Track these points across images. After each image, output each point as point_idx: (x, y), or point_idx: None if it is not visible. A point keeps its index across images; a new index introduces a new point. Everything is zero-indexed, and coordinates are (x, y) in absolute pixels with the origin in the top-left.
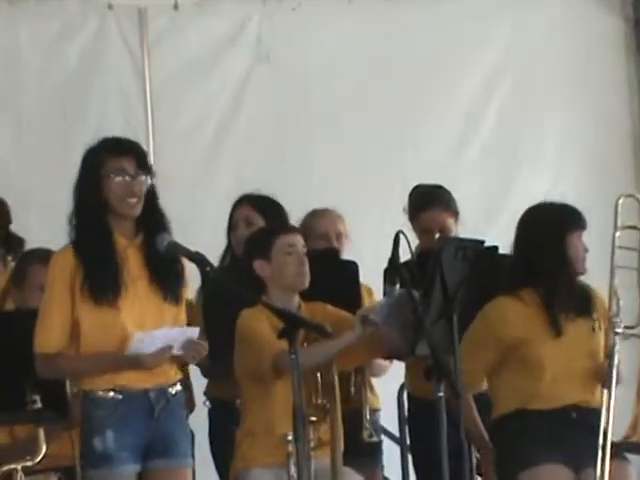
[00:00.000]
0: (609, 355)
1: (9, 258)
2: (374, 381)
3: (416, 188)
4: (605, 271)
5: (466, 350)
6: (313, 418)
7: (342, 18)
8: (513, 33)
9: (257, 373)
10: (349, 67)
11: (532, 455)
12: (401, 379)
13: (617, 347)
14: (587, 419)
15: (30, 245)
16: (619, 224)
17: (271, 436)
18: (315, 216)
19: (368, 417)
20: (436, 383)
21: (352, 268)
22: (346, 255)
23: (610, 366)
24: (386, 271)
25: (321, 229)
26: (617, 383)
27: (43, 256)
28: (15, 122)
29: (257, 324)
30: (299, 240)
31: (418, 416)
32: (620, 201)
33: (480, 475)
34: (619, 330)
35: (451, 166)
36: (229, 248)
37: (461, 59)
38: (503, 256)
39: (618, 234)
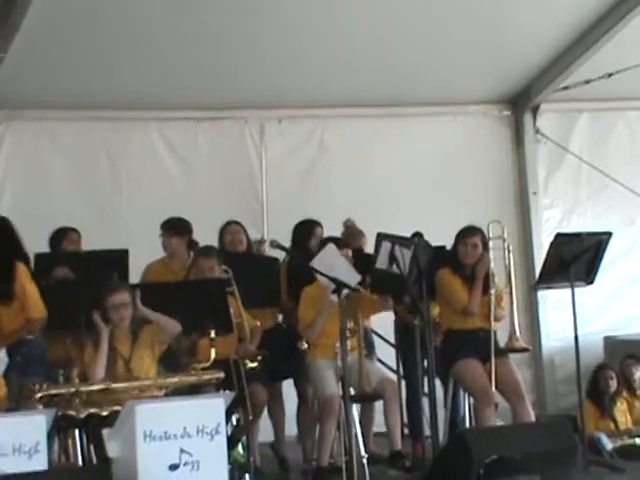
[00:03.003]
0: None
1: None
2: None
3: None
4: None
5: (449, 293)
6: (348, 334)
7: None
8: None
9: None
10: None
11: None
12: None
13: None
14: (487, 336)
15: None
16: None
17: (328, 344)
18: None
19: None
20: (414, 316)
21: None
22: None
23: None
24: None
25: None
26: (501, 319)
27: (205, 251)
28: None
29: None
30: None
31: (403, 333)
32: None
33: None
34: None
35: None
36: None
37: None
38: (443, 250)
39: (491, 244)
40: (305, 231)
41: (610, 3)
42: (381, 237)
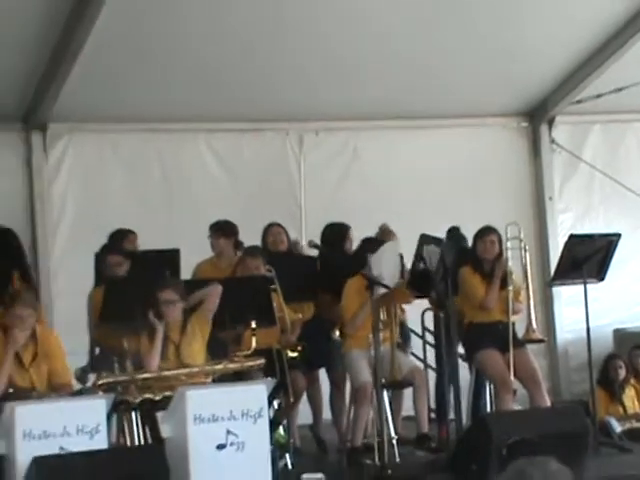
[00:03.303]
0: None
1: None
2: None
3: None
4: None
5: (468, 289)
6: (381, 327)
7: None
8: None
9: None
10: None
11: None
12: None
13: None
14: (506, 328)
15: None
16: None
17: (363, 336)
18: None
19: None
20: (439, 309)
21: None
22: None
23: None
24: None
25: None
26: (518, 313)
27: (252, 250)
28: None
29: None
30: None
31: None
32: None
33: None
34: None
35: None
36: None
37: None
38: (466, 249)
39: (509, 244)
40: (338, 233)
41: (619, 24)
42: (423, 238)
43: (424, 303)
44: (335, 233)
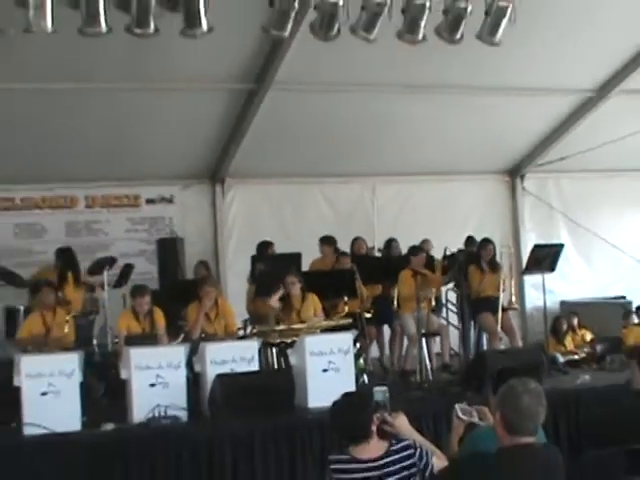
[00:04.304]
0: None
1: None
2: None
3: None
4: None
5: (470, 279)
6: (423, 299)
7: None
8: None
9: None
10: None
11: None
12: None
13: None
14: (497, 300)
15: None
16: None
17: (411, 305)
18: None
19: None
20: (458, 289)
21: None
22: None
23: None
24: None
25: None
26: (504, 291)
27: (343, 253)
28: None
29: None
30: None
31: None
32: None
33: None
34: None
35: None
36: None
37: None
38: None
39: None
40: (390, 243)
41: (563, 116)
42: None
43: (449, 286)
44: (389, 243)
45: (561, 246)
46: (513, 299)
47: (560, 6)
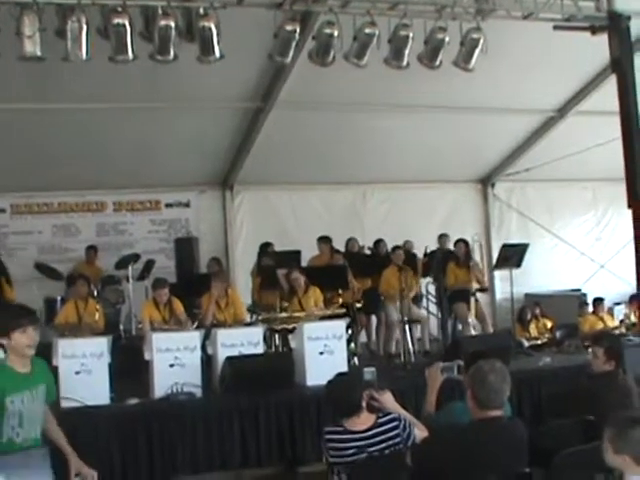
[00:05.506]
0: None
1: None
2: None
3: None
4: None
5: (448, 273)
6: (405, 291)
7: None
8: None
9: None
10: None
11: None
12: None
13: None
14: (469, 291)
15: None
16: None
17: (394, 296)
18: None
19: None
20: (436, 282)
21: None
22: None
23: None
24: None
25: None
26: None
27: (337, 251)
28: None
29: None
30: None
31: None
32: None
33: None
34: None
35: None
36: None
37: None
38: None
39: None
40: (378, 242)
41: (529, 133)
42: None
43: (429, 279)
44: (378, 243)
45: (526, 245)
46: (485, 279)
47: (525, 39)
